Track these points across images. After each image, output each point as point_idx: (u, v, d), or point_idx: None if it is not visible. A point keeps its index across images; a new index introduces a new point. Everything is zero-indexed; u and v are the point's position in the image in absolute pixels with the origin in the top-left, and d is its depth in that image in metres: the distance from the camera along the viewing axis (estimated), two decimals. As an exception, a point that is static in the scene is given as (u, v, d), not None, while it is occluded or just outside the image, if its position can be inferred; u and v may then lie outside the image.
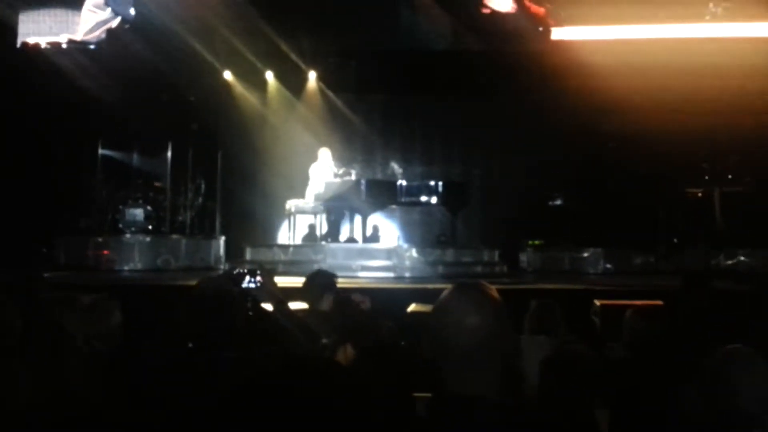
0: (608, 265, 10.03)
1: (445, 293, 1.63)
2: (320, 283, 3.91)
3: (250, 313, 3.08)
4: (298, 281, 7.36)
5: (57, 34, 10.79)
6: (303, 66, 11.78)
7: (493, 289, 1.63)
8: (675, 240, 10.21)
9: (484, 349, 1.56)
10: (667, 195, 10.53)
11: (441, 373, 1.58)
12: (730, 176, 10.61)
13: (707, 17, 10.35)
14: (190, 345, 2.48)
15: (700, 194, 10.72)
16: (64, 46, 10.61)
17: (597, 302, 4.91)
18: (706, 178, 10.68)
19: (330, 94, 12.26)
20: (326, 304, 3.75)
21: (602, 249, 10.12)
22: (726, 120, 10.11)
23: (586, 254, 10.20)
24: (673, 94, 10.15)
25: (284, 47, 10.99)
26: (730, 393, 2.14)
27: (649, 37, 10.49)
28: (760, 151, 10.19)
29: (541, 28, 10.65)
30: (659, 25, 10.49)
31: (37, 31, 10.90)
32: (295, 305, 4.68)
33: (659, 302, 4.88)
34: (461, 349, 1.56)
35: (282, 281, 5.38)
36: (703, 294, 4.51)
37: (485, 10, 10.66)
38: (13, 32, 10.87)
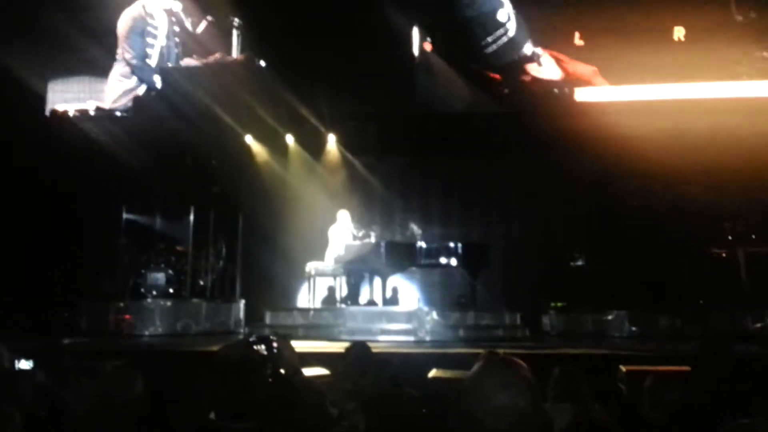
0: (633, 328, 9.82)
1: (474, 368, 1.60)
2: (357, 356, 3.85)
3: (270, 380, 3.06)
4: (318, 345, 7.35)
5: (85, 102, 11.13)
6: (322, 129, 11.94)
7: (523, 366, 1.60)
8: (701, 302, 10.02)
9: (514, 428, 1.52)
10: (691, 255, 10.39)
11: None
12: (753, 236, 10.48)
13: (744, 76, 10.41)
14: (212, 416, 2.45)
15: (724, 255, 10.56)
16: (91, 113, 10.91)
17: (623, 368, 4.79)
18: (730, 238, 10.55)
19: (349, 156, 12.38)
20: (366, 378, 3.66)
21: (626, 311, 9.94)
22: (748, 180, 10.05)
23: (610, 317, 10.00)
24: (696, 154, 10.15)
25: (304, 111, 11.19)
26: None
27: (676, 97, 10.55)
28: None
29: (576, 89, 10.80)
30: (690, 84, 10.55)
31: (66, 98, 11.26)
32: (315, 371, 4.65)
33: (686, 368, 4.75)
34: (490, 428, 1.53)
35: (302, 346, 5.35)
36: (722, 359, 4.38)
37: (526, 78, 10.85)
38: (42, 100, 11.25)
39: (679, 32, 10.86)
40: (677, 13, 10.80)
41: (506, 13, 10.90)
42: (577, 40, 11.15)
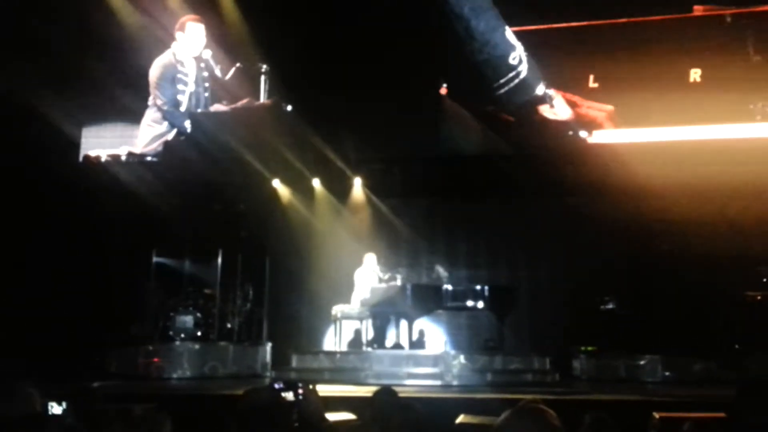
0: (667, 373, 9.56)
1: (502, 416, 1.59)
2: (383, 401, 3.81)
3: (296, 425, 3.05)
4: (344, 389, 7.30)
5: (118, 147, 11.37)
6: (348, 172, 12.02)
7: (552, 414, 1.58)
8: (736, 346, 9.76)
9: None
10: (725, 299, 10.17)
11: None
12: (789, 280, 10.26)
13: (758, 117, 10.33)
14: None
15: (759, 298, 10.32)
16: (123, 158, 11.12)
17: (656, 415, 4.67)
18: (765, 281, 10.32)
19: (375, 199, 12.42)
20: (392, 424, 3.61)
21: (660, 356, 9.69)
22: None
23: (642, 362, 9.74)
24: (727, 195, 10.02)
25: (331, 155, 11.29)
26: None
27: (698, 138, 10.46)
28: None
29: (591, 132, 10.77)
30: (708, 126, 10.47)
31: (100, 144, 11.53)
32: (340, 416, 4.61)
33: (722, 414, 4.62)
34: None
35: (328, 389, 5.33)
36: (760, 405, 4.24)
37: (538, 118, 10.87)
38: (77, 146, 11.52)
39: (695, 74, 10.81)
40: (694, 55, 10.76)
41: (518, 55, 10.95)
42: (592, 83, 11.15)
